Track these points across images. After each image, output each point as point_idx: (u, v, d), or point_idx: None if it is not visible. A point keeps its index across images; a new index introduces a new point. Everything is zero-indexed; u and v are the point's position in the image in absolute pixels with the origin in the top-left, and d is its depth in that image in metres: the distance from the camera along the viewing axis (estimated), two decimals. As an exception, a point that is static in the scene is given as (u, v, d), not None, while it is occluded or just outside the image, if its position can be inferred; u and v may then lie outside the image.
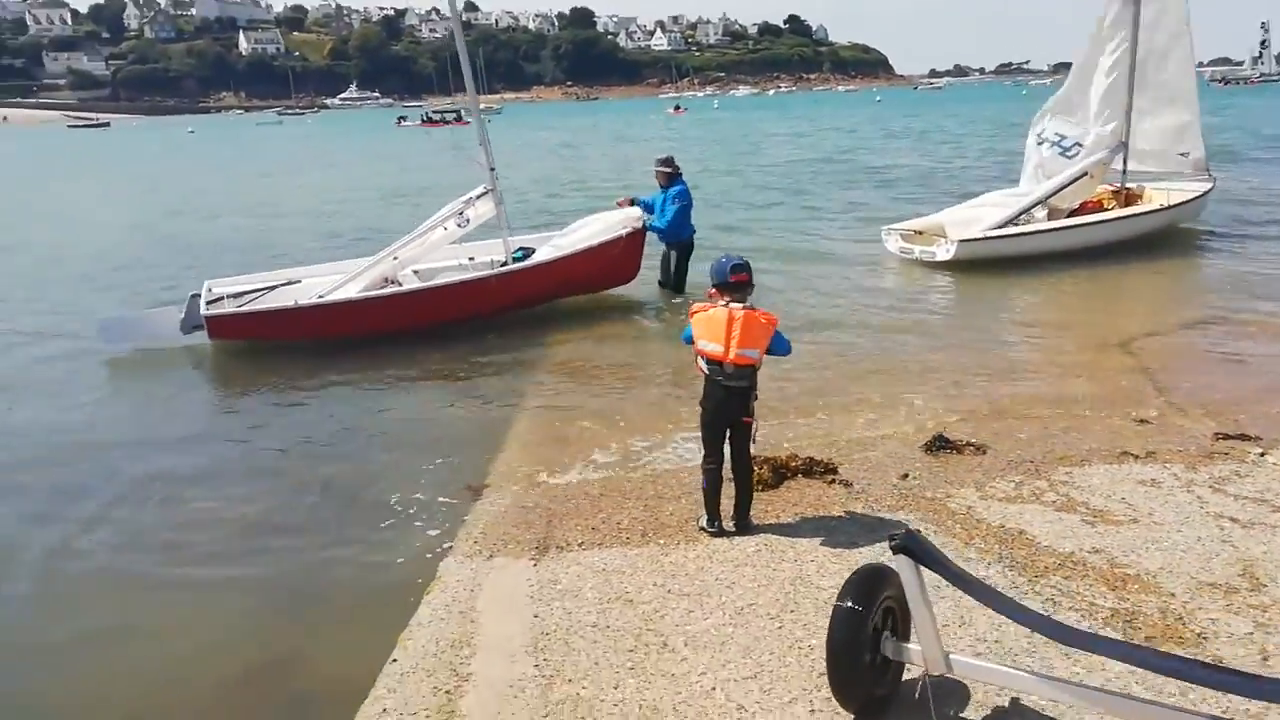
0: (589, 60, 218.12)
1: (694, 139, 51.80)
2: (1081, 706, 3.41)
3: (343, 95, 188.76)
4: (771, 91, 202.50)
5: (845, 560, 4.87)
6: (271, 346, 10.18)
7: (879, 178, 27.08)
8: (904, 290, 12.48)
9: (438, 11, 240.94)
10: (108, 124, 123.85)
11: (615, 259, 10.96)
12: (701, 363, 5.14)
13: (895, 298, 12.03)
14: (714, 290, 5.15)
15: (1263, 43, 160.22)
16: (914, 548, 3.26)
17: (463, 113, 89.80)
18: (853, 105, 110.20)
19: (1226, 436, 6.70)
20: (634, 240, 11.01)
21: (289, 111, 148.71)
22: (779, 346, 5.15)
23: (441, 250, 11.10)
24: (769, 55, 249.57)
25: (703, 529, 5.36)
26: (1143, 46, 13.68)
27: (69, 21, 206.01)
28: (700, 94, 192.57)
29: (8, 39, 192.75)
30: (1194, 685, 3.30)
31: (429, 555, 5.34)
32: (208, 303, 10.21)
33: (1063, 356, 9.37)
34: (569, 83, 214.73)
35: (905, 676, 3.62)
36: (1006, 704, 3.63)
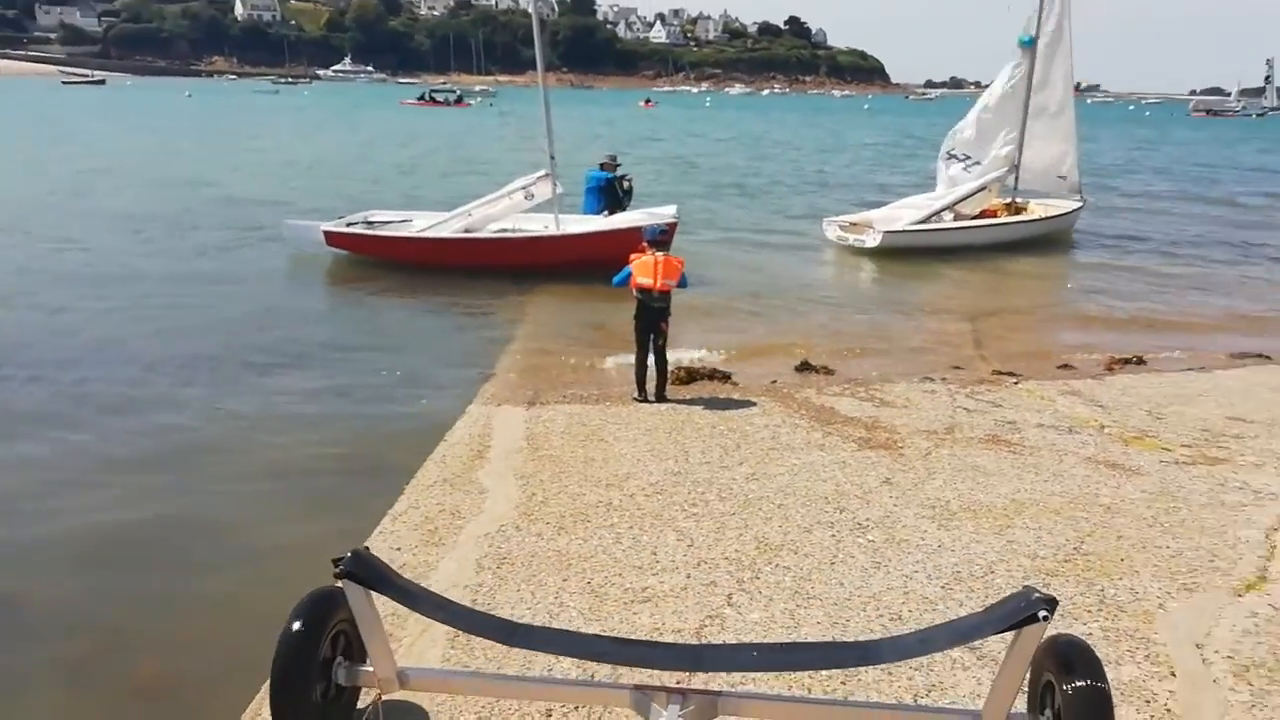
0: (586, 48, 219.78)
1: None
2: (525, 696, 3.68)
3: (336, 67, 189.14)
4: (765, 92, 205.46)
5: (718, 414, 7.98)
6: (377, 263, 14.39)
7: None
8: (832, 266, 15.95)
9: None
10: (103, 81, 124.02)
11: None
12: (635, 292, 8.21)
13: (824, 270, 15.49)
14: (645, 245, 8.23)
15: (1266, 78, 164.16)
16: (360, 572, 3.15)
17: (464, 95, 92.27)
18: (836, 111, 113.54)
19: (999, 373, 9.88)
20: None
21: (283, 80, 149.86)
22: (683, 282, 8.26)
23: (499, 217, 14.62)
24: (766, 55, 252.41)
25: (634, 399, 8.45)
26: (1036, 89, 16.97)
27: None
28: (695, 89, 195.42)
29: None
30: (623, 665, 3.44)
31: (454, 403, 8.38)
32: (348, 224, 14.57)
33: (925, 321, 12.63)
34: (564, 69, 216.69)
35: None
36: (467, 715, 3.78)
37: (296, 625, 3.26)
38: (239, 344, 10.26)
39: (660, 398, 8.44)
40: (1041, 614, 2.83)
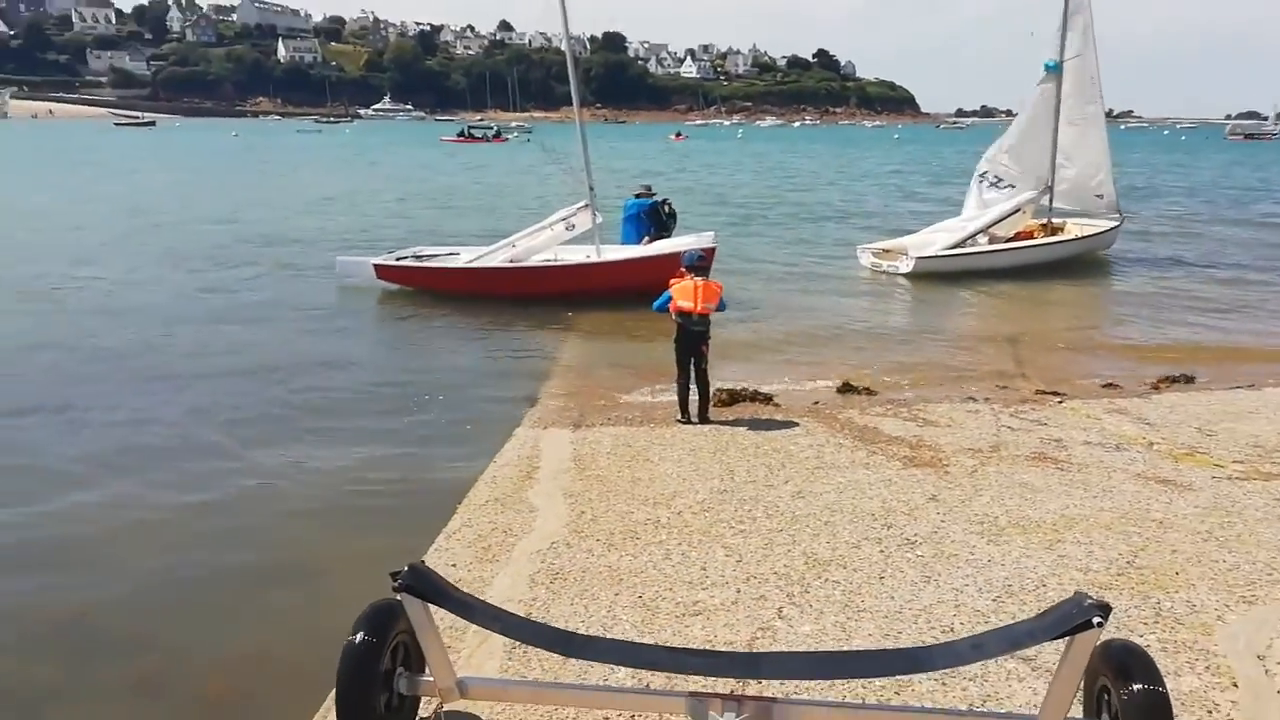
0: (619, 84, 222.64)
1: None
2: (582, 704, 3.73)
3: (376, 106, 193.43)
4: (797, 124, 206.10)
5: (762, 435, 8.02)
6: (425, 295, 14.86)
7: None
8: (868, 293, 16.00)
9: (473, 29, 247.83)
10: (153, 123, 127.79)
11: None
12: (675, 316, 8.32)
13: (860, 297, 15.56)
14: (684, 270, 8.35)
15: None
16: (418, 585, 3.22)
17: (501, 130, 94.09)
18: (866, 142, 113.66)
19: (1043, 392, 9.82)
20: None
21: (325, 120, 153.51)
22: (721, 305, 8.38)
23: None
24: (796, 88, 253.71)
25: (677, 421, 8.52)
26: (1066, 111, 16.97)
27: (113, 21, 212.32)
28: (727, 122, 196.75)
29: (54, 35, 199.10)
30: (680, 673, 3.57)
31: (504, 426, 8.50)
32: (397, 258, 15.09)
33: (964, 344, 12.61)
34: (598, 105, 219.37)
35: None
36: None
37: (359, 637, 3.33)
38: (290, 375, 10.54)
39: (703, 419, 8.51)
40: (1096, 620, 2.83)
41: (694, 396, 8.54)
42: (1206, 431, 8.04)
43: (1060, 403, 9.33)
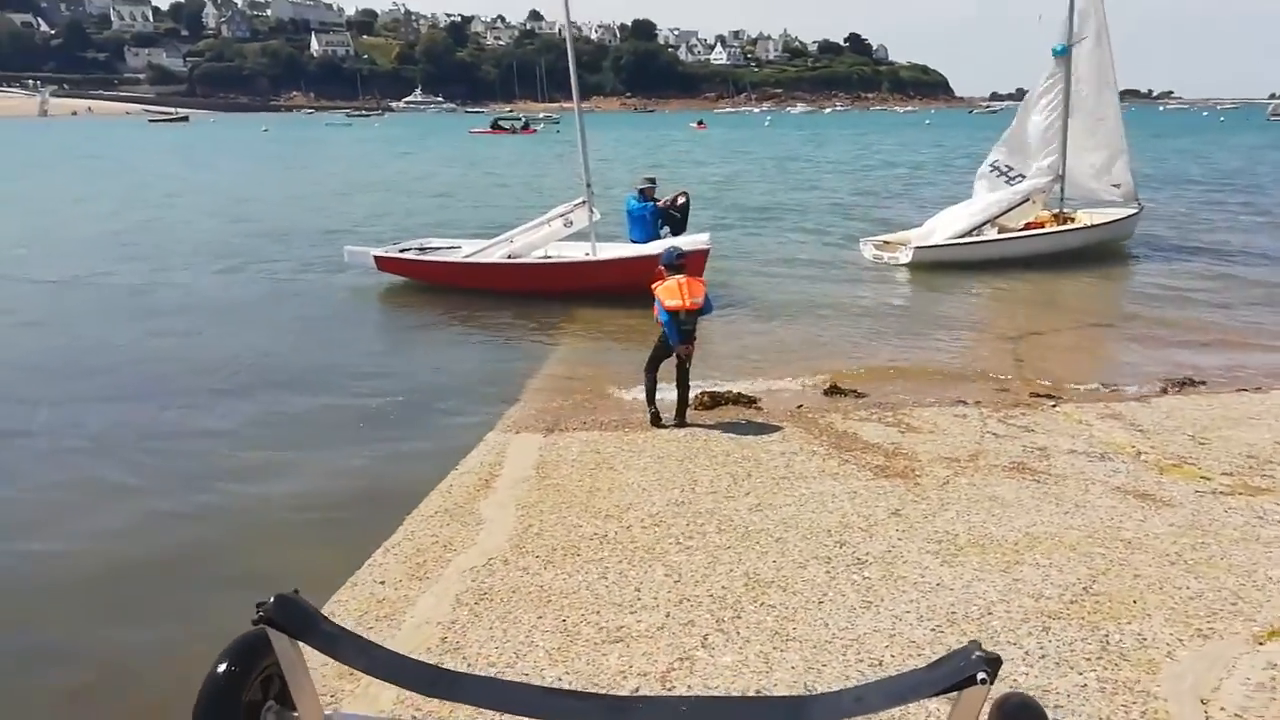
0: (649, 72, 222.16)
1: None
2: None
3: (407, 99, 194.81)
4: (828, 110, 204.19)
5: (736, 441, 7.82)
6: (427, 287, 14.97)
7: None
8: (868, 288, 15.59)
9: (503, 19, 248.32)
10: (186, 118, 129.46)
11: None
12: (662, 315, 8.11)
13: (860, 293, 15.18)
14: (663, 269, 8.16)
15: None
16: (280, 619, 3.07)
17: (529, 122, 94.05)
18: (895, 127, 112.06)
19: (1036, 395, 9.50)
20: (693, 257, 12.18)
21: (357, 113, 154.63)
22: (708, 306, 8.17)
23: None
24: (827, 73, 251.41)
25: (650, 414, 8.32)
26: (1078, 97, 16.46)
27: (150, 19, 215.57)
28: (756, 109, 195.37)
29: (93, 34, 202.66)
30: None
31: (476, 430, 8.39)
32: (401, 250, 15.33)
33: (965, 341, 12.26)
34: (628, 94, 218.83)
35: None
36: None
37: (221, 667, 3.16)
38: (269, 379, 10.45)
39: (681, 421, 8.33)
40: (980, 676, 2.62)
41: (673, 397, 8.37)
42: (1200, 439, 7.70)
43: (1054, 407, 9.01)
